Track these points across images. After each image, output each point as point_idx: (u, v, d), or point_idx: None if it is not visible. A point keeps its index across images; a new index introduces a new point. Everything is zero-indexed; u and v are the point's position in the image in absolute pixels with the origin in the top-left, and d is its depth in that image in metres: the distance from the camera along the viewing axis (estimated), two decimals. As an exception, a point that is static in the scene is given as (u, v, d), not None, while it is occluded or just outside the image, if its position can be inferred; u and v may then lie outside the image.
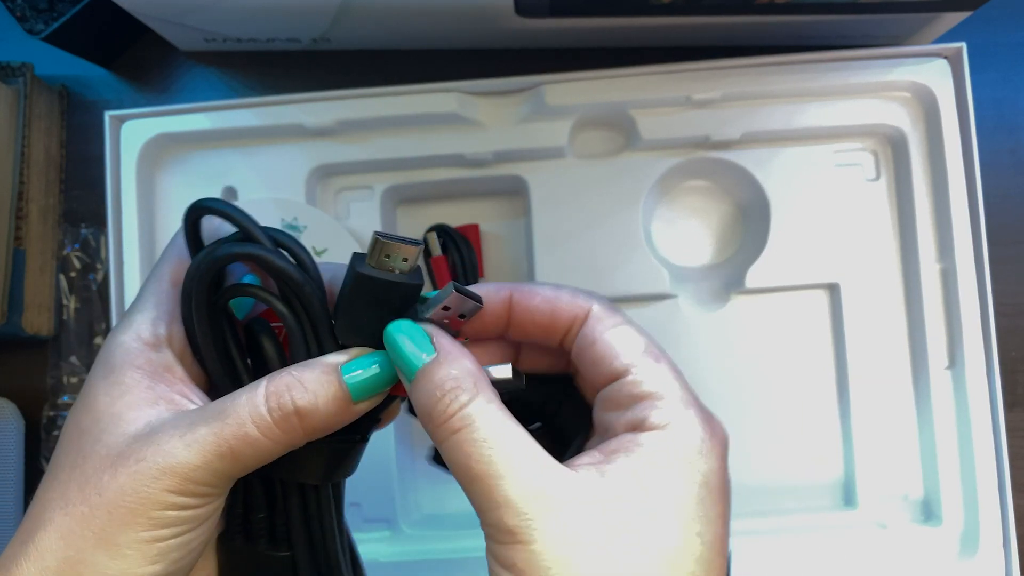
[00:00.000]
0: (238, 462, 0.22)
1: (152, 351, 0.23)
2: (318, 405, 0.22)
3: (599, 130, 0.44)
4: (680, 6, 0.39)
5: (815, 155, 0.43)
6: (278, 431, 0.22)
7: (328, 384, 0.22)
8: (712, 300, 0.44)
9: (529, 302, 0.24)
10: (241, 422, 0.22)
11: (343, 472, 0.25)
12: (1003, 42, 0.47)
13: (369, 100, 0.42)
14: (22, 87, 0.46)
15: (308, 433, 0.22)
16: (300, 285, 0.23)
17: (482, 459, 0.20)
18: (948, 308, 0.42)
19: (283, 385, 0.22)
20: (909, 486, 0.42)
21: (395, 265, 0.23)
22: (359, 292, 0.23)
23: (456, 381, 0.21)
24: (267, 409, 0.22)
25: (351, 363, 0.23)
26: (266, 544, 0.25)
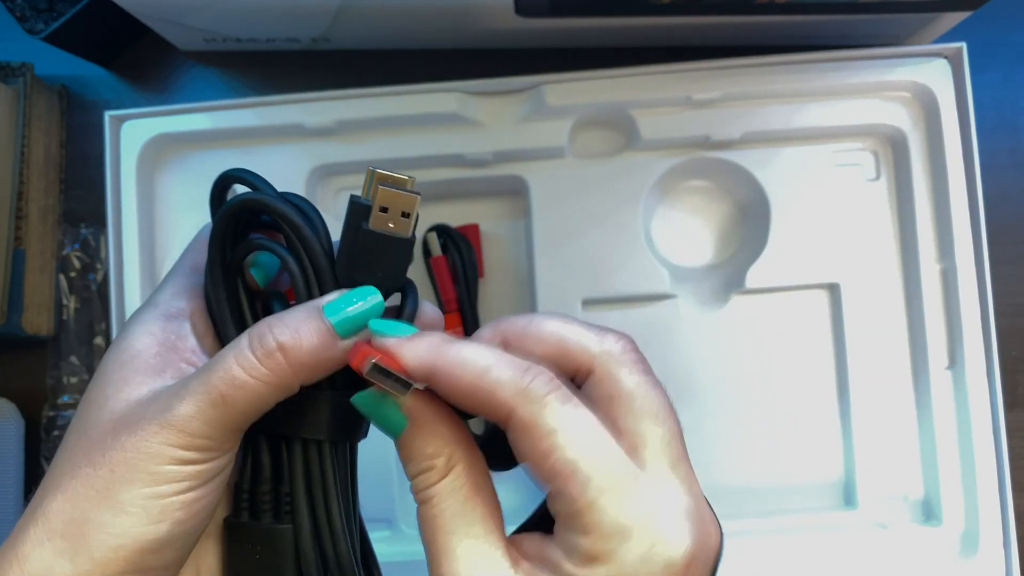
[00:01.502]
0: (231, 408, 0.22)
1: (167, 321, 0.24)
2: (300, 340, 0.22)
3: (599, 130, 0.44)
4: (680, 6, 0.39)
5: (815, 155, 0.43)
6: (263, 369, 0.22)
7: (310, 319, 0.22)
8: (712, 300, 0.44)
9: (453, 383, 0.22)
10: (227, 366, 0.22)
11: (349, 432, 0.25)
12: (1003, 42, 0.47)
13: (369, 100, 0.42)
14: (22, 87, 0.46)
15: (297, 370, 0.22)
16: (300, 227, 0.23)
17: (435, 539, 0.22)
18: (948, 308, 0.42)
19: (265, 325, 0.22)
20: (909, 486, 0.42)
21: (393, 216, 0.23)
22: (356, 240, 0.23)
23: (430, 459, 0.22)
24: (250, 349, 0.22)
25: (335, 299, 0.23)
26: (271, 518, 0.25)
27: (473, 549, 0.22)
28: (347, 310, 0.23)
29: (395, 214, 0.23)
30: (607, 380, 0.22)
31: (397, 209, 0.23)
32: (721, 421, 0.44)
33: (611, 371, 0.22)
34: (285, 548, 0.24)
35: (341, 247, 0.24)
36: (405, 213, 0.23)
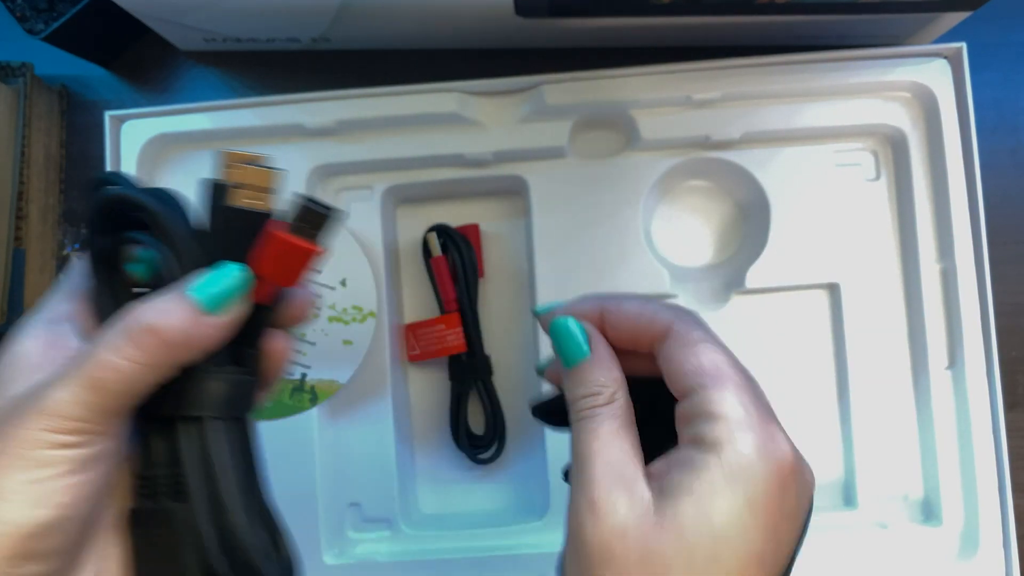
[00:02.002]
0: (105, 391, 0.22)
1: (50, 324, 0.25)
2: (168, 320, 0.23)
3: (599, 130, 0.44)
4: (680, 6, 0.39)
5: (815, 155, 0.43)
6: (132, 350, 0.22)
7: (176, 299, 0.23)
8: (712, 300, 0.44)
9: (616, 318, 0.27)
10: (97, 351, 0.22)
11: (237, 406, 0.25)
12: (1003, 42, 0.47)
13: (369, 100, 0.42)
14: (22, 87, 0.46)
15: (167, 350, 0.23)
16: (159, 215, 0.24)
17: (589, 450, 0.25)
18: (948, 308, 0.42)
19: (133, 309, 0.23)
20: (909, 486, 0.42)
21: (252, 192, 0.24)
22: (220, 220, 0.24)
23: (601, 387, 0.26)
24: (118, 332, 0.22)
25: (202, 279, 0.24)
26: (170, 500, 0.25)
27: (618, 462, 0.24)
28: (214, 287, 0.23)
29: (254, 189, 0.24)
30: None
31: (255, 184, 0.24)
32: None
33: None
34: (183, 526, 0.24)
35: (206, 230, 0.25)
36: (264, 188, 0.24)
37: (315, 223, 0.24)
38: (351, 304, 0.43)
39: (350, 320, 0.43)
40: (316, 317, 0.43)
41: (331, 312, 0.42)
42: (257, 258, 0.24)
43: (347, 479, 0.43)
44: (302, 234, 0.24)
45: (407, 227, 0.46)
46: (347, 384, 0.43)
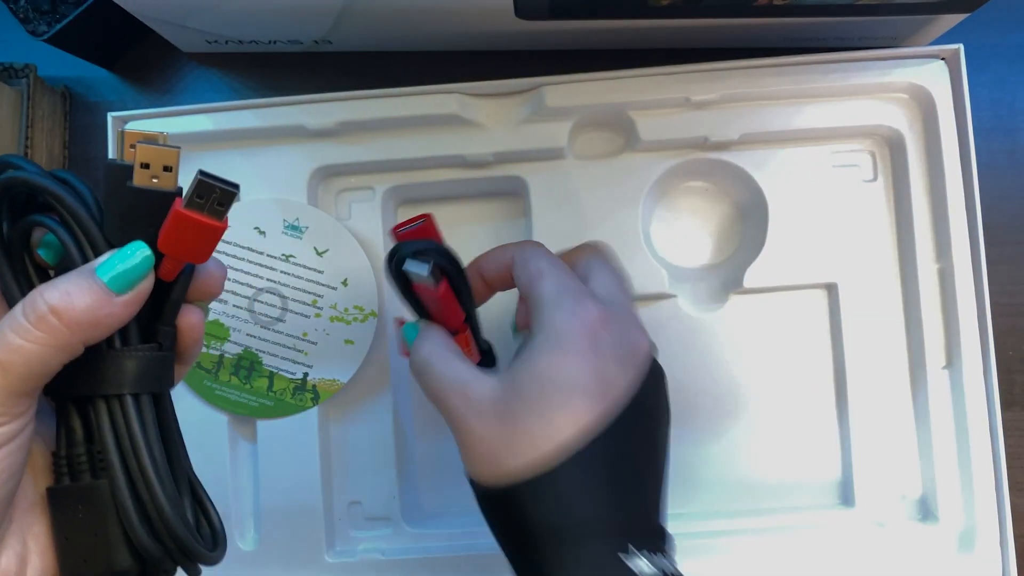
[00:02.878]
0: (11, 373, 0.22)
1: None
2: (72, 301, 0.23)
3: (599, 131, 0.44)
4: (679, 8, 0.39)
5: (813, 156, 0.43)
6: (37, 332, 0.22)
7: (81, 280, 0.23)
8: (711, 300, 0.44)
9: (485, 270, 0.34)
10: (4, 334, 0.22)
11: (150, 382, 0.26)
12: (1001, 44, 0.47)
13: (370, 102, 0.42)
14: (25, 88, 0.46)
15: (73, 330, 0.23)
16: (62, 197, 0.24)
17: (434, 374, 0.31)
18: (945, 308, 0.42)
19: (36, 291, 0.23)
20: (907, 485, 0.43)
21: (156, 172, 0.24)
22: (122, 200, 0.25)
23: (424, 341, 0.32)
24: (23, 315, 0.22)
25: (106, 259, 0.24)
26: (91, 477, 0.25)
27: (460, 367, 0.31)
28: (118, 267, 0.24)
29: (157, 169, 0.24)
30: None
31: (159, 164, 0.24)
32: (719, 420, 0.44)
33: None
34: (105, 502, 0.25)
35: (108, 211, 0.25)
36: (167, 167, 0.24)
37: (218, 199, 0.24)
38: (352, 304, 0.43)
39: (351, 320, 0.43)
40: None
41: (333, 312, 0.43)
42: (164, 235, 0.24)
43: (348, 478, 0.44)
44: (206, 210, 0.24)
45: (408, 227, 0.46)
46: (348, 383, 0.43)
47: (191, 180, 0.24)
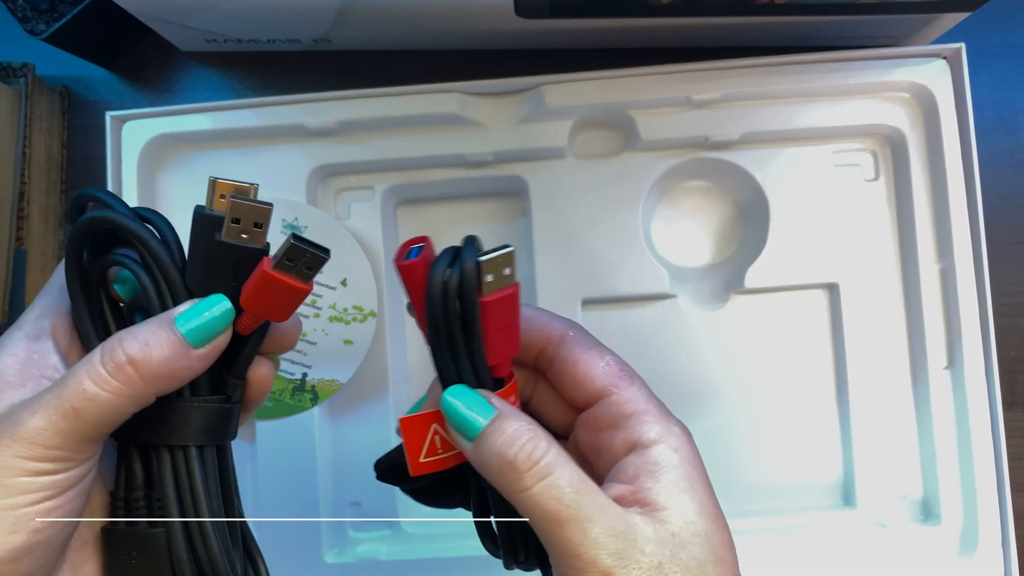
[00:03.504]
0: (83, 419, 0.22)
1: (30, 341, 0.24)
2: (151, 353, 0.23)
3: (599, 130, 0.44)
4: (680, 7, 0.39)
5: (814, 155, 0.43)
6: (114, 382, 0.22)
7: (160, 331, 0.23)
8: (711, 300, 0.44)
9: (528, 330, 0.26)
10: (79, 380, 0.22)
11: (215, 435, 0.26)
12: (1002, 43, 0.47)
13: (370, 101, 0.42)
14: (23, 88, 0.46)
15: (149, 382, 0.23)
16: (147, 240, 0.24)
17: (572, 503, 0.22)
18: (947, 308, 0.42)
19: (115, 339, 0.23)
20: (908, 486, 0.43)
21: (246, 228, 0.24)
22: (209, 251, 0.24)
23: (530, 432, 0.23)
24: (101, 363, 0.22)
25: (186, 310, 0.24)
26: (147, 522, 0.25)
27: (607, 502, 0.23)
28: (198, 320, 0.23)
29: (248, 224, 0.24)
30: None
31: (250, 220, 0.24)
32: (720, 421, 0.44)
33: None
34: (159, 551, 0.25)
35: (192, 258, 0.25)
36: (258, 224, 0.24)
37: (307, 263, 0.24)
38: (352, 304, 0.43)
39: (351, 320, 0.43)
40: (309, 330, 0.43)
41: (332, 312, 0.43)
42: (247, 293, 0.24)
43: (348, 478, 0.43)
44: (293, 272, 0.24)
45: (408, 227, 0.46)
46: (348, 384, 0.43)
47: (283, 242, 0.23)
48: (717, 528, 0.24)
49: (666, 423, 0.25)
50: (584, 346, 0.26)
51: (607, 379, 0.25)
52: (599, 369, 0.26)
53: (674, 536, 0.23)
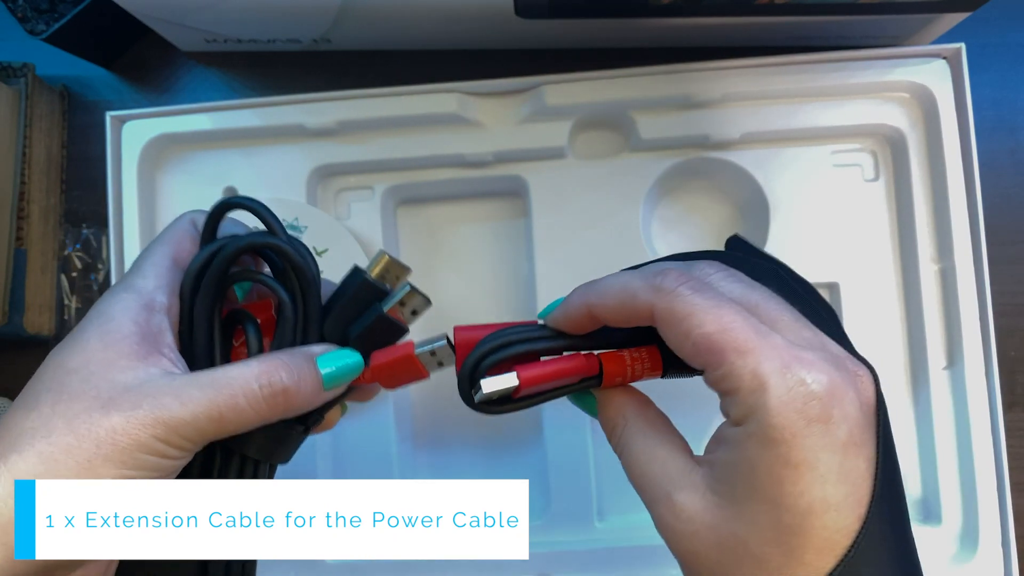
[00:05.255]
0: (222, 425, 0.24)
1: (150, 313, 0.25)
2: (300, 387, 0.25)
3: (599, 130, 0.44)
4: (680, 7, 0.39)
5: (814, 155, 0.43)
6: (264, 406, 0.24)
7: (309, 369, 0.25)
8: (712, 300, 0.44)
9: (602, 312, 0.25)
10: (234, 393, 0.24)
11: (281, 456, 0.28)
12: (1002, 43, 0.47)
13: (370, 101, 0.42)
14: (23, 87, 0.46)
15: (287, 411, 0.25)
16: (310, 282, 0.27)
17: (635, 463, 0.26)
18: (947, 308, 0.42)
19: (274, 366, 0.25)
20: (908, 486, 0.43)
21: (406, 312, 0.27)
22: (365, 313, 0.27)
23: (614, 419, 0.27)
24: (259, 385, 0.24)
25: (328, 355, 0.26)
26: None
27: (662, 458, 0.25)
28: (338, 366, 0.26)
29: (408, 310, 0.27)
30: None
31: (411, 307, 0.27)
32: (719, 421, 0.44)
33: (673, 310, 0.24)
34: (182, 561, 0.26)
35: (337, 308, 0.27)
36: (415, 312, 0.27)
37: (441, 360, 0.27)
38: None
39: (351, 320, 0.43)
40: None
41: (332, 312, 0.43)
42: (383, 361, 0.27)
43: (347, 478, 0.43)
44: (426, 362, 0.27)
45: (408, 227, 0.46)
46: (348, 384, 0.43)
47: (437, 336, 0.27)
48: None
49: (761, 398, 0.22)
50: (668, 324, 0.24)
51: (696, 359, 0.23)
52: (685, 351, 0.23)
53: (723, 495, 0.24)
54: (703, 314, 0.23)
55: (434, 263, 0.46)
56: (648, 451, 0.25)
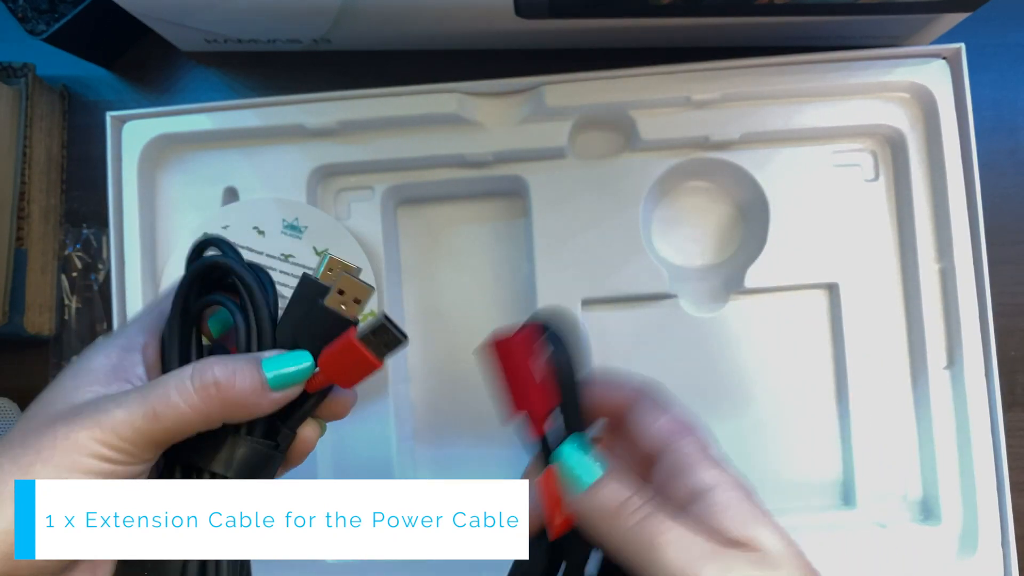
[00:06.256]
0: (158, 423, 0.24)
1: (123, 351, 0.27)
2: (235, 381, 0.25)
3: (599, 131, 0.44)
4: (680, 7, 0.39)
5: (814, 155, 0.43)
6: (196, 398, 0.24)
7: (248, 366, 0.25)
8: (711, 300, 0.44)
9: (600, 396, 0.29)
10: (166, 388, 0.25)
11: (254, 474, 0.27)
12: (1002, 43, 0.47)
13: (370, 101, 0.42)
14: (23, 88, 0.46)
15: (224, 406, 0.25)
16: (254, 291, 0.27)
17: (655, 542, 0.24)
18: (947, 308, 0.42)
19: (207, 362, 0.25)
20: (908, 485, 0.43)
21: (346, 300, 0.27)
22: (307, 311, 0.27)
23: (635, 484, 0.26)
24: (190, 379, 0.25)
25: (275, 356, 0.26)
26: None
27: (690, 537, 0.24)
28: (283, 368, 0.26)
29: (349, 298, 0.27)
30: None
31: (352, 295, 0.27)
32: (720, 420, 0.44)
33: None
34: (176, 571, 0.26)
35: (287, 315, 0.28)
36: (357, 300, 0.27)
37: (387, 342, 0.26)
38: (352, 304, 0.43)
39: (351, 320, 0.43)
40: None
41: (332, 312, 0.43)
42: (328, 355, 0.27)
43: (348, 477, 0.43)
44: (372, 348, 0.26)
45: (408, 227, 0.46)
46: (348, 384, 0.43)
47: (373, 319, 0.26)
48: (799, 552, 0.26)
49: (720, 469, 0.27)
50: (647, 407, 0.28)
51: (664, 434, 0.28)
52: (657, 425, 0.28)
53: (765, 559, 0.24)
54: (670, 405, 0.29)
55: (434, 263, 0.46)
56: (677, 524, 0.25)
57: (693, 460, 0.27)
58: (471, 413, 0.45)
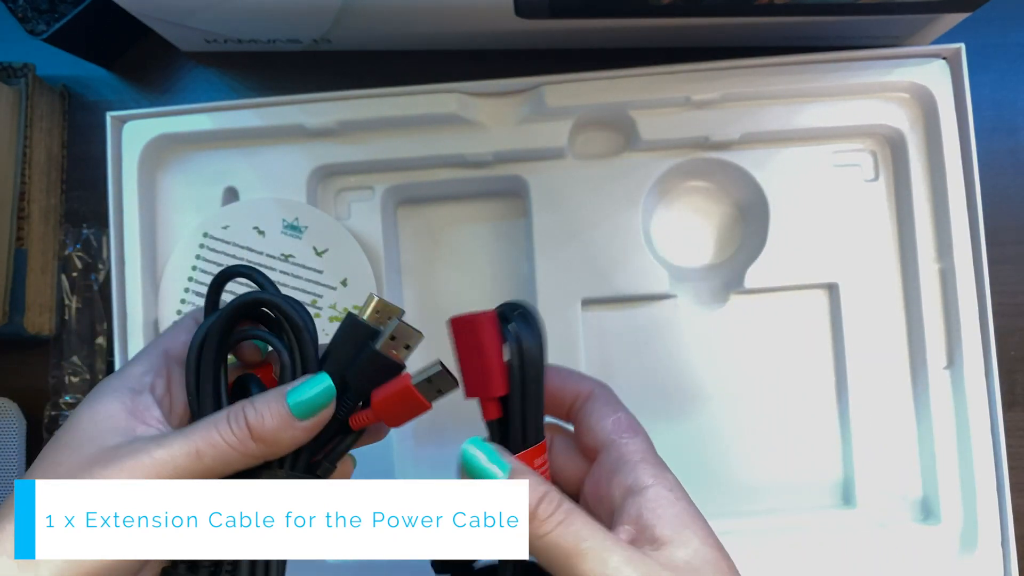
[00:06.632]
0: (201, 461, 0.25)
1: (135, 394, 0.27)
2: (264, 419, 0.26)
3: (599, 131, 0.44)
4: (680, 7, 0.39)
5: (814, 155, 0.43)
6: (234, 439, 0.26)
7: (274, 403, 0.26)
8: (711, 300, 0.44)
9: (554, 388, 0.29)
10: (208, 429, 0.26)
11: None
12: (1002, 43, 0.47)
13: (370, 101, 0.42)
14: (24, 88, 0.46)
15: (259, 441, 0.26)
16: (301, 329, 0.28)
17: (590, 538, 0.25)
18: (947, 308, 0.42)
19: (240, 406, 0.26)
20: (908, 485, 0.43)
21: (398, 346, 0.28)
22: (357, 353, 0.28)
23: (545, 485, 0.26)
24: (226, 420, 0.26)
25: (296, 387, 0.27)
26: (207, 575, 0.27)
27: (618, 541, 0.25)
28: (303, 395, 0.27)
29: (400, 344, 0.28)
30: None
31: (404, 342, 0.28)
32: (720, 421, 0.44)
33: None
34: None
35: (332, 351, 0.28)
36: (408, 346, 0.28)
37: (440, 387, 0.27)
38: (352, 304, 0.43)
39: (351, 320, 0.43)
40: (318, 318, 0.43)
41: (332, 312, 0.43)
42: (382, 397, 0.28)
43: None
44: (425, 392, 0.27)
45: (408, 227, 0.46)
46: (348, 384, 0.43)
47: (429, 364, 0.27)
48: (723, 556, 0.26)
49: (661, 470, 0.27)
50: (603, 401, 0.29)
51: (614, 429, 0.28)
52: (609, 420, 0.29)
53: (687, 563, 0.25)
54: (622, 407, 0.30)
55: (434, 263, 0.46)
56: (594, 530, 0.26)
57: (637, 458, 0.27)
58: (471, 413, 0.45)
